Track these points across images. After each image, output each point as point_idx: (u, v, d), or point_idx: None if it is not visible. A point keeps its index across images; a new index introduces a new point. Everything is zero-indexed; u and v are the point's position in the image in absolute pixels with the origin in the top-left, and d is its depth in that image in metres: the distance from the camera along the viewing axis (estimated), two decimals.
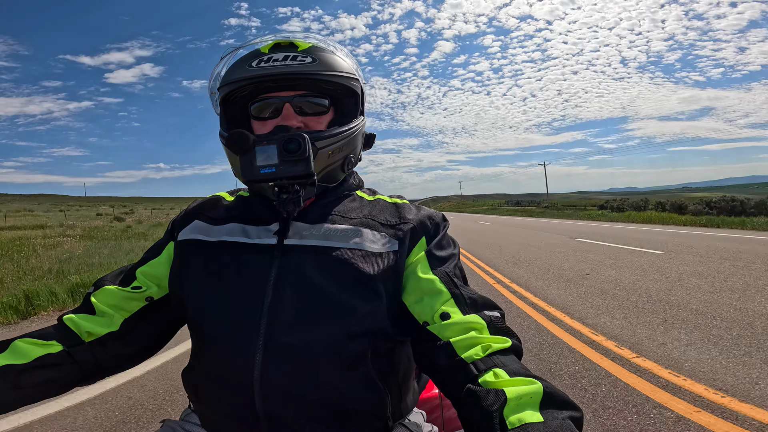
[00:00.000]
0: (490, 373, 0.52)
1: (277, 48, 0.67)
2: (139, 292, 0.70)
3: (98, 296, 0.69)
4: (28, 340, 0.61)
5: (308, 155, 0.57)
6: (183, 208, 0.80)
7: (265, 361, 0.59)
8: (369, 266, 0.63)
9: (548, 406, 0.46)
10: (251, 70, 0.65)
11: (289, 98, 0.67)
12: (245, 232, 0.68)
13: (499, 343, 0.56)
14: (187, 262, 0.69)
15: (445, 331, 0.59)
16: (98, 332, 0.66)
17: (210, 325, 0.64)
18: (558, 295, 4.67)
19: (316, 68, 0.65)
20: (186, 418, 0.73)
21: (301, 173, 0.58)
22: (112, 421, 2.18)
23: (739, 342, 2.91)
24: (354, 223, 0.68)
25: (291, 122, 0.66)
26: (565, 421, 0.44)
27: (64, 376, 0.62)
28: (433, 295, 0.63)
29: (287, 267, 0.63)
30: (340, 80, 0.67)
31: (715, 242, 8.60)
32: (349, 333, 0.61)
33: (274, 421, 0.60)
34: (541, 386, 0.48)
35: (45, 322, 4.13)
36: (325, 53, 0.67)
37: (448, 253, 0.69)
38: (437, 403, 0.95)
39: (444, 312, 0.60)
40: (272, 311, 0.61)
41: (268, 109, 0.68)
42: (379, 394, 0.63)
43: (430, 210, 0.74)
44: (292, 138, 0.58)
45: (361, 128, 0.72)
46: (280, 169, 0.58)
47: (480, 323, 0.58)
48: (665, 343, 2.97)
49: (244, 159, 0.60)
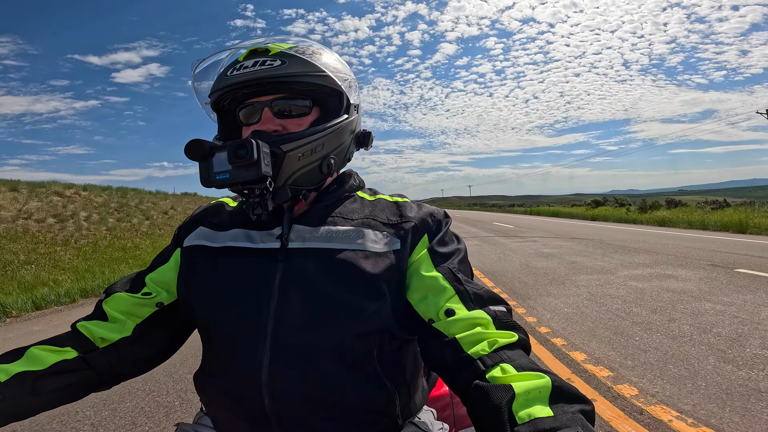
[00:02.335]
0: (498, 368, 0.52)
1: (251, 55, 0.68)
2: (150, 298, 0.71)
3: (109, 303, 0.70)
4: (43, 347, 0.63)
5: (257, 159, 0.57)
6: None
7: (273, 362, 0.60)
8: (372, 266, 0.63)
9: (558, 400, 0.46)
10: (226, 79, 0.66)
11: (267, 102, 0.67)
12: (249, 237, 0.69)
13: (505, 338, 0.56)
14: (193, 268, 0.70)
15: (450, 327, 0.59)
16: (111, 338, 0.67)
17: (218, 329, 0.65)
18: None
19: (283, 71, 0.65)
20: (199, 421, 0.74)
21: (253, 177, 0.58)
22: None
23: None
24: (355, 223, 0.68)
25: (267, 126, 0.66)
26: (575, 414, 0.44)
27: (81, 382, 0.63)
28: (437, 293, 0.63)
29: (291, 270, 0.64)
30: (311, 79, 0.66)
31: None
32: (354, 333, 0.61)
33: (285, 422, 0.61)
34: (550, 380, 0.48)
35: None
36: (298, 55, 0.67)
37: (451, 249, 0.69)
38: (448, 401, 0.95)
39: (449, 309, 0.60)
40: (278, 314, 0.61)
41: (253, 115, 0.69)
42: (387, 393, 0.64)
43: (432, 207, 0.74)
44: (242, 144, 0.58)
45: (344, 127, 0.70)
46: (233, 174, 0.58)
47: (485, 318, 0.58)
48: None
49: (202, 166, 0.61)
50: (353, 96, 0.73)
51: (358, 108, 0.75)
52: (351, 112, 0.72)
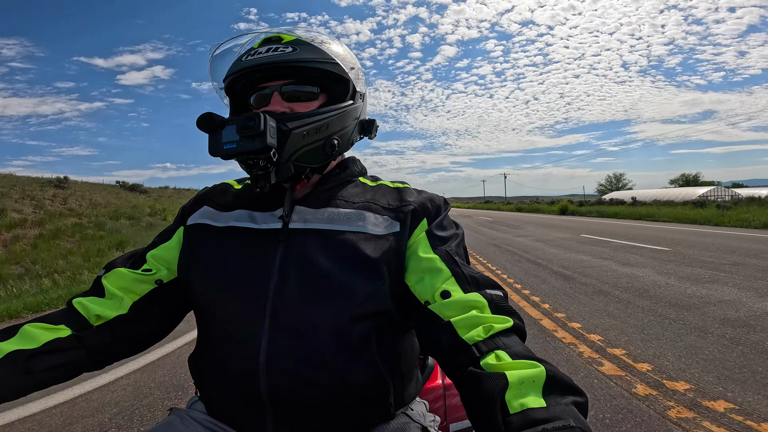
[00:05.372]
0: (492, 355, 0.52)
1: (265, 42, 0.71)
2: (149, 275, 0.71)
3: (109, 278, 0.70)
4: (37, 324, 0.62)
5: (263, 130, 0.60)
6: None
7: (271, 344, 0.60)
8: (371, 249, 0.64)
9: (552, 391, 0.46)
10: (240, 63, 0.69)
11: (277, 87, 0.69)
12: (252, 217, 0.70)
13: (500, 323, 0.55)
14: (195, 247, 0.71)
15: (445, 310, 0.59)
16: (107, 315, 0.66)
17: (216, 307, 0.66)
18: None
19: (294, 56, 0.67)
20: (193, 406, 0.74)
21: (258, 147, 0.60)
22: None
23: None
24: (357, 206, 0.69)
25: (275, 108, 0.68)
26: (568, 406, 0.44)
27: (73, 361, 0.62)
28: (433, 274, 0.63)
29: (292, 250, 0.64)
30: (319, 65, 0.69)
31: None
32: (352, 314, 0.61)
33: (279, 406, 0.61)
34: (544, 370, 0.47)
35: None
36: (308, 43, 0.70)
37: (449, 233, 0.70)
38: (440, 393, 0.96)
39: (444, 290, 0.61)
40: (277, 294, 0.62)
41: (264, 99, 0.70)
42: (383, 381, 0.64)
43: (432, 193, 0.75)
44: (250, 116, 0.60)
45: (349, 111, 0.72)
46: (240, 144, 0.61)
47: (481, 302, 0.58)
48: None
49: (211, 138, 0.63)
50: (359, 84, 0.75)
51: (363, 97, 0.77)
52: (356, 99, 0.74)
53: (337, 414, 0.62)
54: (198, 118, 0.63)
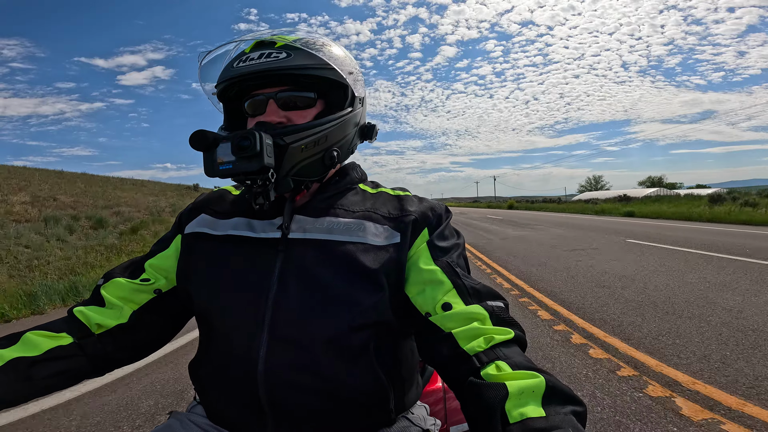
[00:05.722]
0: (493, 365, 0.52)
1: (258, 46, 0.67)
2: (148, 285, 0.71)
3: (108, 288, 0.70)
4: (39, 332, 0.62)
5: (260, 151, 0.57)
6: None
7: (270, 352, 0.60)
8: (371, 259, 0.63)
9: (551, 401, 0.46)
10: (231, 70, 0.66)
11: (272, 94, 0.66)
12: (250, 226, 0.69)
13: (501, 335, 0.55)
14: (193, 255, 0.70)
15: (447, 322, 0.59)
16: (108, 324, 0.66)
17: (215, 317, 0.65)
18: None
19: (288, 63, 0.64)
20: (192, 410, 0.74)
21: (255, 169, 0.58)
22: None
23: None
24: (356, 216, 0.68)
25: (271, 118, 0.66)
26: (567, 416, 0.44)
27: (75, 368, 0.63)
28: (434, 286, 0.62)
29: (291, 260, 0.64)
30: (316, 72, 0.66)
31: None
32: (352, 325, 0.61)
33: (279, 413, 0.61)
34: (544, 380, 0.47)
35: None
36: (303, 47, 0.66)
37: (450, 243, 0.69)
38: (440, 396, 0.96)
39: (446, 302, 0.60)
40: (276, 304, 0.62)
41: (258, 106, 0.68)
42: (382, 387, 0.64)
43: (433, 201, 0.74)
44: (245, 135, 0.58)
45: (348, 120, 0.69)
46: (236, 165, 0.59)
47: (482, 314, 0.58)
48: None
49: (206, 157, 0.61)
50: (358, 89, 0.72)
51: (363, 101, 0.75)
52: (355, 105, 0.72)
53: (338, 421, 0.62)
54: (191, 137, 0.60)
